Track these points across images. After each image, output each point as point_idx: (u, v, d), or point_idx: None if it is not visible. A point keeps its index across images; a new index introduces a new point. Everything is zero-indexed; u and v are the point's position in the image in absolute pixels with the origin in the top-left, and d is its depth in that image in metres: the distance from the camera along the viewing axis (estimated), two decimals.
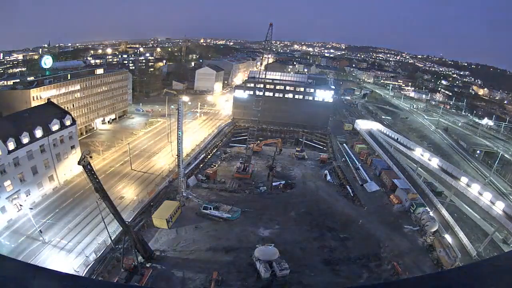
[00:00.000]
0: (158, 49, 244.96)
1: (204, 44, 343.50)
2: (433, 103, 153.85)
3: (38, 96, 61.14)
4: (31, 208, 40.01)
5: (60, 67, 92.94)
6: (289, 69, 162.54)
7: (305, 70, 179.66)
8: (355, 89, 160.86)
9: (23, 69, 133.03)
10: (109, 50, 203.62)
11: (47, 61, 72.51)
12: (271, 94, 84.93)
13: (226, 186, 51.26)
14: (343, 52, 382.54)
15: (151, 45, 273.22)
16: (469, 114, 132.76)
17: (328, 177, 57.18)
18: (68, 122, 50.98)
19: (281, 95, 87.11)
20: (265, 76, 75.97)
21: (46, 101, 55.30)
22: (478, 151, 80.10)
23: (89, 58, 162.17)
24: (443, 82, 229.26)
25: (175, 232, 37.32)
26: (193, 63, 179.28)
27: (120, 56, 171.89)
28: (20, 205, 40.48)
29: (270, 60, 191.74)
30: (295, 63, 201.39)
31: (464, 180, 45.13)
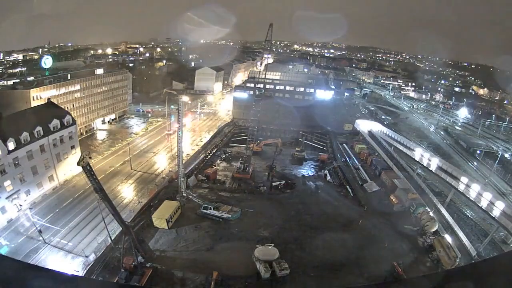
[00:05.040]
0: (158, 49, 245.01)
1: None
2: (433, 103, 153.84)
3: (38, 96, 61.19)
4: (30, 208, 40.06)
5: (60, 67, 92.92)
6: (289, 69, 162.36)
7: (305, 70, 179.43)
8: (355, 89, 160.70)
9: (23, 69, 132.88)
10: (109, 50, 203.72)
11: (47, 61, 72.60)
12: (271, 94, 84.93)
13: (226, 186, 51.26)
14: (343, 52, 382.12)
15: (151, 45, 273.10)
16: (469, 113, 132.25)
17: (328, 177, 57.15)
18: (68, 122, 51.01)
19: (281, 95, 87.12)
20: (265, 76, 75.93)
21: (46, 101, 55.33)
22: (478, 151, 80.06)
23: (88, 58, 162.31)
24: (443, 82, 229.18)
25: (175, 232, 37.29)
26: (193, 63, 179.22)
27: (120, 56, 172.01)
28: (20, 205, 40.50)
29: (270, 60, 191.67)
30: (295, 63, 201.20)
31: (464, 180, 45.04)
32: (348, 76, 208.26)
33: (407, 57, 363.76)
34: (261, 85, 71.61)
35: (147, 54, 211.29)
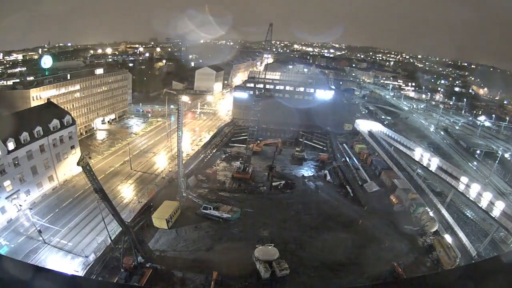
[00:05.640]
0: (158, 49, 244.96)
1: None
2: (433, 103, 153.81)
3: (38, 96, 61.21)
4: (30, 208, 40.05)
5: (60, 67, 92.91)
6: (289, 69, 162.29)
7: (305, 70, 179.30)
8: (355, 89, 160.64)
9: (23, 69, 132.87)
10: (109, 50, 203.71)
11: (47, 61, 72.55)
12: (271, 94, 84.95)
13: (226, 186, 51.26)
14: (343, 52, 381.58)
15: (151, 45, 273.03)
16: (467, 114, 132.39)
17: (328, 177, 57.13)
18: (67, 122, 50.99)
19: (281, 95, 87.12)
20: (265, 76, 75.96)
21: (46, 101, 55.32)
22: (478, 151, 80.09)
23: (88, 58, 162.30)
24: (443, 82, 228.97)
25: (175, 232, 37.32)
26: (193, 63, 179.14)
27: (120, 56, 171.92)
28: (20, 205, 40.49)
29: (270, 60, 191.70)
30: (295, 63, 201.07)
31: (464, 180, 45.04)
32: (348, 76, 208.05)
33: (407, 57, 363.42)
34: (261, 85, 71.67)
35: (147, 54, 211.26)
